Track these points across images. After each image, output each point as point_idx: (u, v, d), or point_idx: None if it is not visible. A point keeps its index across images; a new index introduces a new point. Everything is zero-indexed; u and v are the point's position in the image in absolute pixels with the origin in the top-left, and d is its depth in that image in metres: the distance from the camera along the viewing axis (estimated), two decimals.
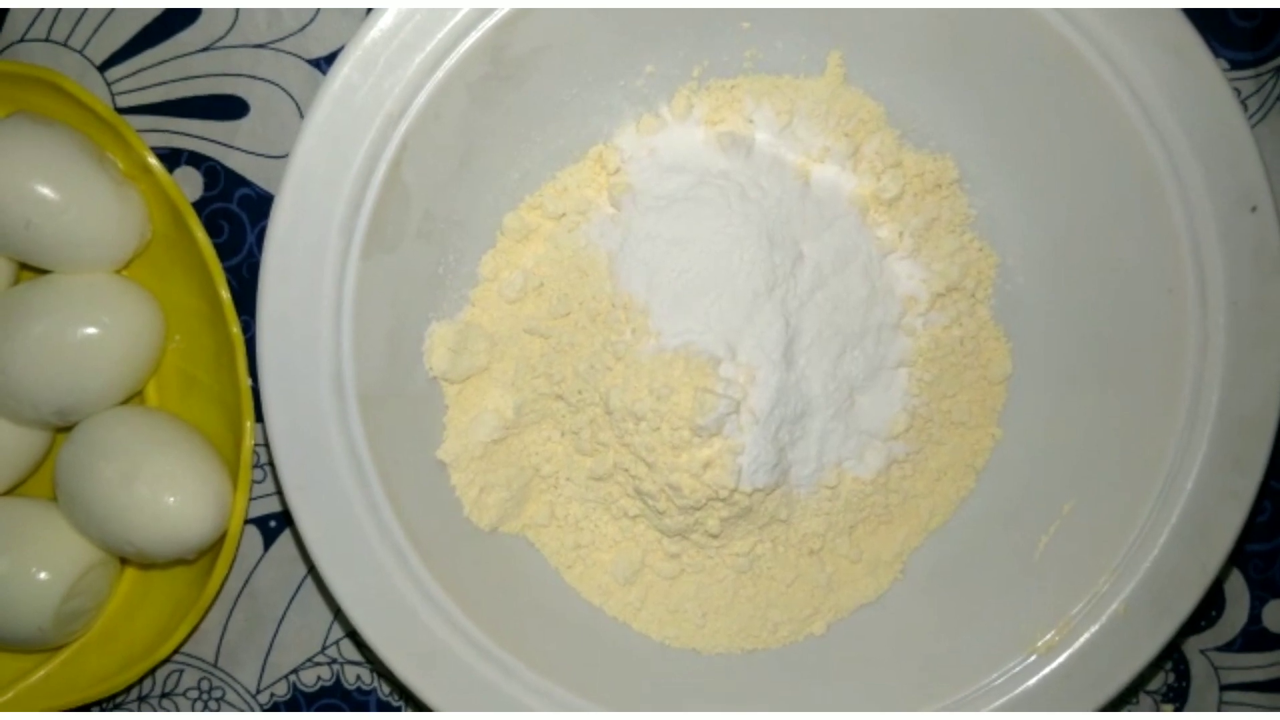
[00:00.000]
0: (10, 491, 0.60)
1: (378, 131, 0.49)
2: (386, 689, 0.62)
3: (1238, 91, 0.57)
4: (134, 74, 0.58)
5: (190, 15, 0.57)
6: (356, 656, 0.62)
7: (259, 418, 0.51)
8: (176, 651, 0.61)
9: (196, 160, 0.59)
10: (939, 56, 0.53)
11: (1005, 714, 0.52)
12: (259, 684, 0.62)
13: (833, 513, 0.56)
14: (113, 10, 0.58)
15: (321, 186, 0.49)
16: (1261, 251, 0.49)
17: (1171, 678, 0.62)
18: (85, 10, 0.58)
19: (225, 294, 0.56)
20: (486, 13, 0.48)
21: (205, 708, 0.62)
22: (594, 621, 0.57)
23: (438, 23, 0.48)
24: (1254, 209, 0.49)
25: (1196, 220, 0.50)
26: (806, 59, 0.54)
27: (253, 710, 0.62)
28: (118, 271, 0.58)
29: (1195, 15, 0.55)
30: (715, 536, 0.55)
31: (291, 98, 0.58)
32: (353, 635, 0.62)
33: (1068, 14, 0.49)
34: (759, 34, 0.53)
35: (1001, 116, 0.53)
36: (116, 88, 0.58)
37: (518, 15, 0.49)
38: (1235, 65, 0.57)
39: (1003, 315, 0.57)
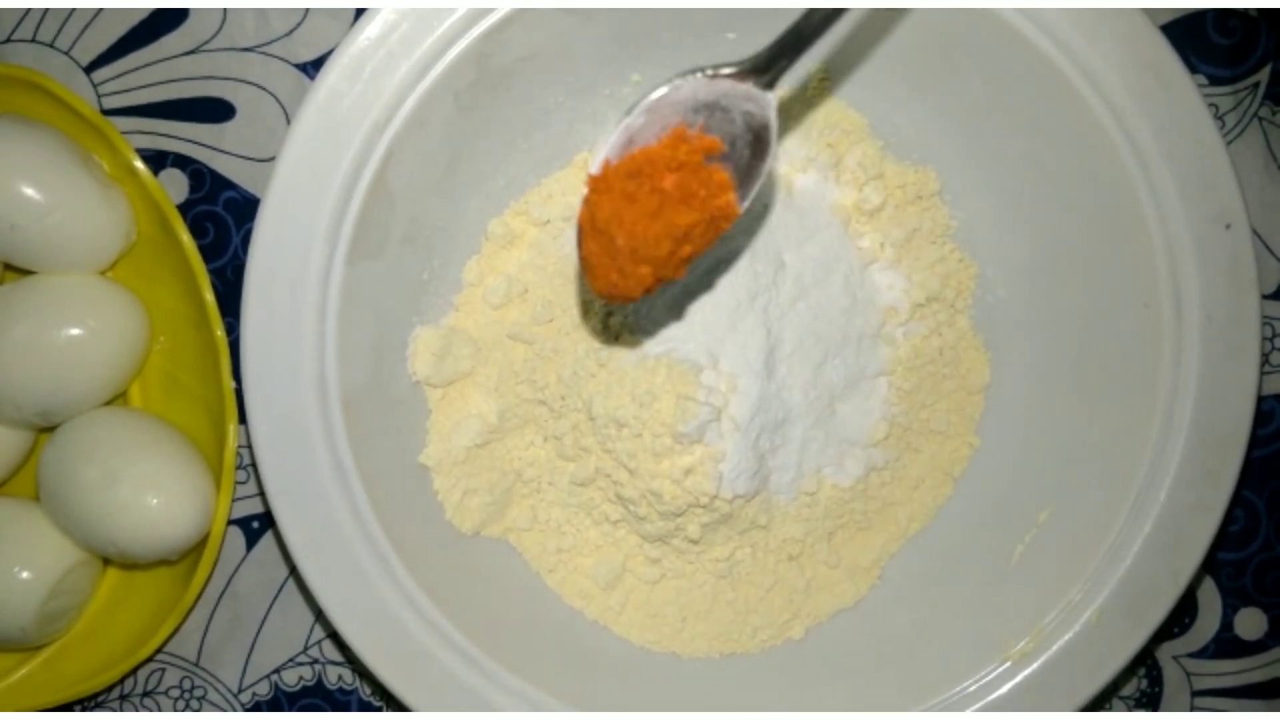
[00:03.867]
0: None
1: (363, 139, 0.49)
2: (368, 689, 0.62)
3: (1215, 107, 0.57)
4: (120, 76, 0.58)
5: (178, 18, 0.57)
6: (338, 657, 0.62)
7: (243, 420, 0.51)
8: (159, 651, 0.61)
9: (182, 162, 0.59)
10: (922, 71, 0.53)
11: (983, 714, 0.53)
12: (241, 683, 0.62)
13: (812, 519, 0.57)
14: (100, 11, 0.58)
15: (307, 193, 0.49)
16: (1235, 267, 0.50)
17: (1145, 683, 0.63)
18: (72, 11, 0.58)
19: (210, 296, 0.56)
20: (473, 21, 0.49)
21: (187, 707, 0.62)
22: (574, 625, 0.57)
23: (424, 31, 0.48)
24: (1228, 226, 0.50)
25: (1172, 236, 0.50)
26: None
27: (234, 710, 0.62)
28: (102, 273, 0.58)
29: (1175, 31, 0.56)
30: (695, 542, 0.56)
31: (278, 101, 0.58)
32: (334, 636, 0.62)
33: (1049, 32, 0.49)
34: (744, 44, 0.54)
35: (983, 131, 0.54)
36: (103, 89, 0.58)
37: (504, 24, 0.49)
38: (1213, 81, 0.57)
39: (982, 326, 0.58)
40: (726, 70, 0.43)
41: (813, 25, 0.43)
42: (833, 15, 0.43)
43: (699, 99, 0.43)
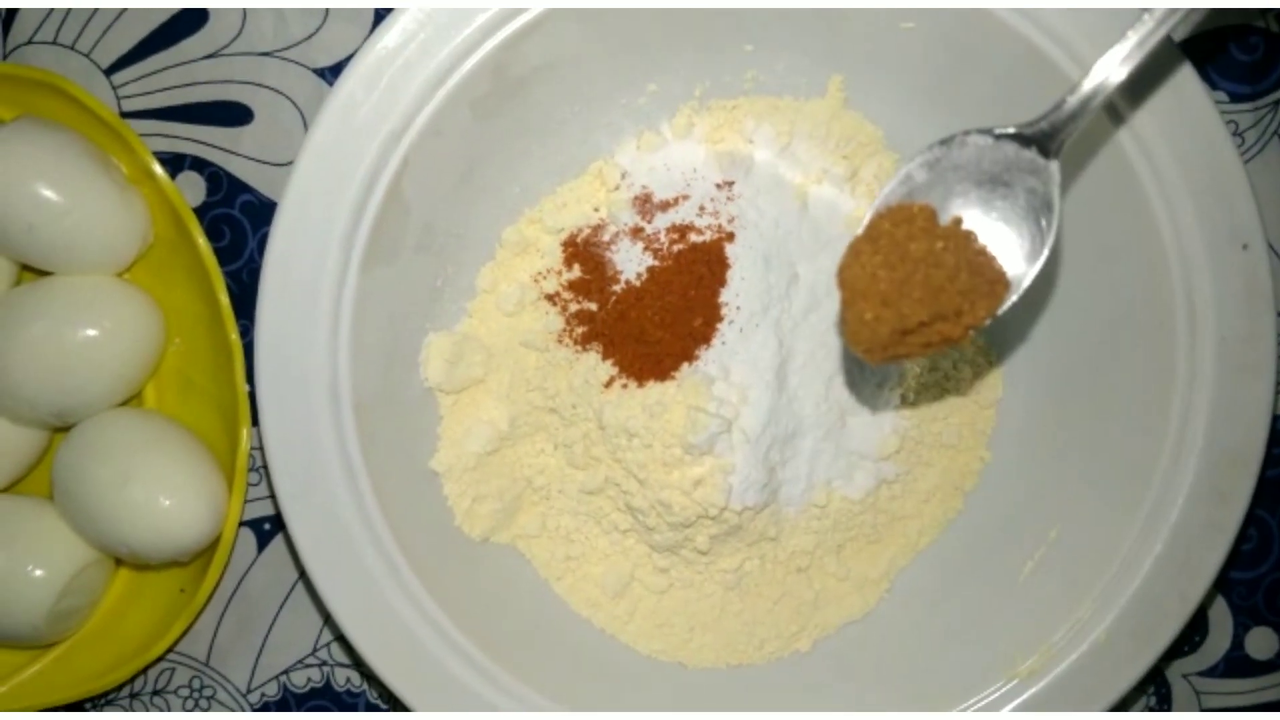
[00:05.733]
0: (8, 489, 0.61)
1: (380, 147, 0.49)
2: (375, 693, 0.63)
3: (1235, 124, 0.57)
4: (140, 79, 0.59)
5: (197, 21, 0.58)
6: (347, 660, 0.62)
7: (255, 422, 0.52)
8: (169, 651, 0.62)
9: (200, 165, 0.59)
10: (939, 84, 0.53)
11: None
12: (250, 684, 0.63)
13: (821, 531, 0.57)
14: (120, 14, 0.58)
15: (323, 200, 0.49)
16: (1252, 288, 0.50)
17: (1154, 701, 0.62)
18: (93, 14, 0.58)
19: (225, 299, 0.57)
20: (491, 31, 0.49)
21: (196, 706, 0.63)
22: (582, 633, 0.57)
23: (442, 40, 0.49)
24: (1245, 246, 0.49)
25: (1188, 255, 0.50)
26: (807, 82, 0.55)
27: (243, 710, 0.63)
28: (119, 274, 0.59)
29: (1196, 48, 0.56)
30: (704, 553, 0.55)
31: (296, 106, 0.58)
32: (343, 639, 0.62)
33: (1065, 47, 0.49)
34: (761, 56, 0.54)
35: None
36: (122, 92, 0.59)
37: (522, 34, 0.49)
38: (1234, 98, 0.57)
39: (995, 340, 0.58)
40: (1010, 132, 0.43)
41: (1099, 92, 0.43)
42: (1120, 80, 0.42)
43: (983, 168, 0.43)
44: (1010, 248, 0.45)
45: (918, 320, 0.42)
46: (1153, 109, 0.49)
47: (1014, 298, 0.44)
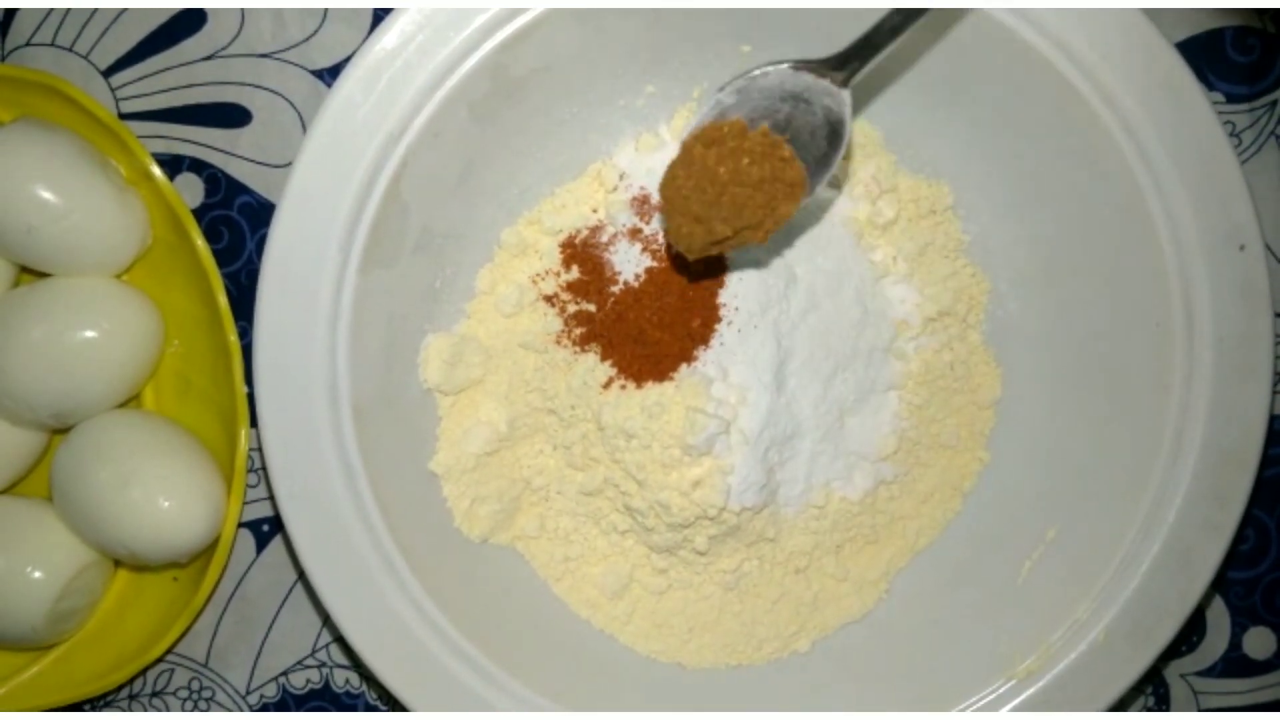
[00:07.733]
0: (6, 491, 0.61)
1: (378, 149, 0.49)
2: (374, 694, 0.63)
3: (1232, 125, 0.57)
4: (138, 80, 0.59)
5: (196, 23, 0.58)
6: (346, 661, 0.62)
7: (254, 423, 0.52)
8: (168, 652, 0.62)
9: (198, 167, 0.59)
10: (937, 86, 0.53)
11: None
12: (249, 685, 0.63)
13: (820, 532, 0.57)
14: (119, 15, 0.58)
15: (321, 201, 0.49)
16: (1249, 289, 0.50)
17: (1151, 701, 0.62)
18: (92, 14, 0.58)
19: (223, 301, 0.57)
20: (489, 33, 0.49)
21: (195, 707, 0.63)
22: (581, 634, 0.57)
23: (440, 42, 0.49)
24: (1242, 247, 0.50)
25: (1186, 256, 0.50)
26: None
27: (242, 711, 0.63)
28: (117, 276, 0.59)
29: (1193, 48, 0.56)
30: (703, 554, 0.56)
31: (294, 108, 0.58)
32: (342, 640, 0.62)
33: (1065, 49, 0.49)
34: (759, 57, 0.54)
35: (997, 146, 0.54)
36: (121, 93, 0.59)
37: (520, 36, 0.49)
38: (1231, 99, 0.57)
39: (994, 340, 0.58)
40: (807, 65, 0.47)
41: (884, 31, 0.46)
42: (903, 23, 0.45)
43: (785, 88, 0.47)
44: (808, 153, 0.48)
45: (724, 235, 0.47)
46: (1150, 109, 0.49)
47: (807, 198, 0.48)
